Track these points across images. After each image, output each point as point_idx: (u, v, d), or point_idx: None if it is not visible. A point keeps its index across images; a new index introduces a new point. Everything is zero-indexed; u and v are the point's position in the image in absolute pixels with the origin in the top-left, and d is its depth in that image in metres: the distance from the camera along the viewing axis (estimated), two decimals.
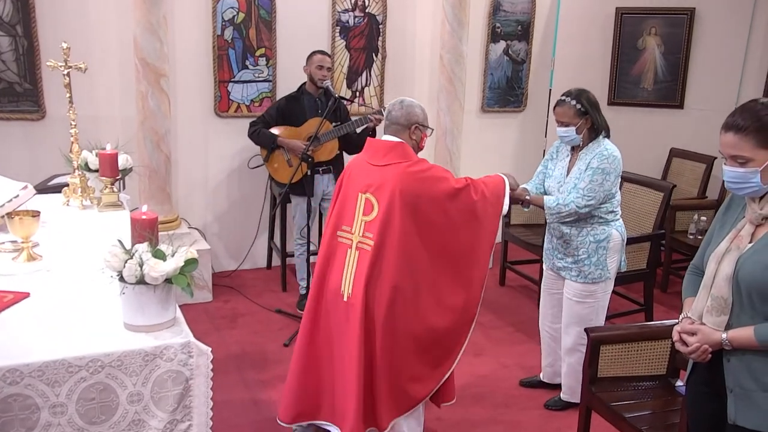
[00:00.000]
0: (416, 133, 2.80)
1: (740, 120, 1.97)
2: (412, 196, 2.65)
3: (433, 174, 2.72)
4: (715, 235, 2.14)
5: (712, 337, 2.02)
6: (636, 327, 3.05)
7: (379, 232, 2.67)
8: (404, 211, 2.65)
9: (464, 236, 2.76)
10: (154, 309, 1.99)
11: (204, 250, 4.63)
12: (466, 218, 2.75)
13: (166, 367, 1.95)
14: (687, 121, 5.91)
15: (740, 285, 1.96)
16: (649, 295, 4.44)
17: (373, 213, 2.70)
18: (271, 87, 5.10)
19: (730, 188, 2.02)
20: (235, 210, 5.24)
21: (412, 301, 2.69)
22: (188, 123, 4.96)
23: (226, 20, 4.88)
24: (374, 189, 2.72)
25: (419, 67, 5.66)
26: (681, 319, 2.16)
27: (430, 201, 2.68)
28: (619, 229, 3.32)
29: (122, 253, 1.99)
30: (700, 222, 5.04)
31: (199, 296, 4.65)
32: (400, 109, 2.79)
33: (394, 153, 2.74)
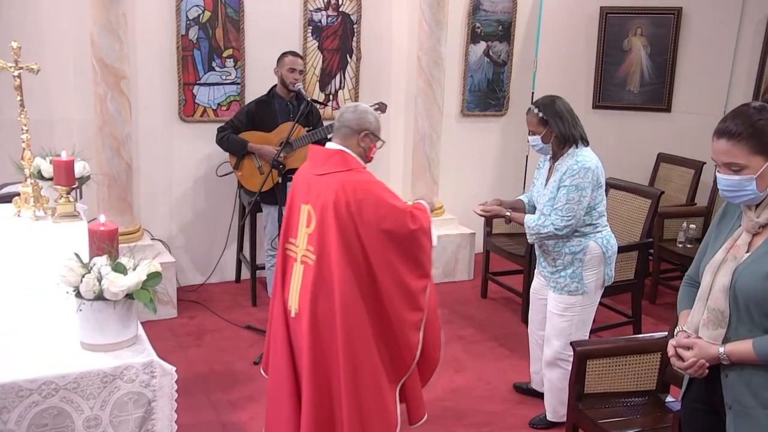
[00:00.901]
0: (365, 140, 2.78)
1: (733, 126, 1.97)
2: (346, 206, 2.64)
3: (369, 187, 2.69)
4: (710, 244, 2.16)
5: (709, 351, 2.02)
6: (624, 340, 3.09)
7: (317, 244, 2.70)
8: (339, 223, 2.65)
9: (400, 255, 2.73)
10: (114, 327, 1.97)
11: (168, 263, 4.59)
12: (402, 239, 2.71)
13: (127, 389, 1.93)
14: (675, 125, 6.00)
15: (738, 296, 1.97)
16: (637, 306, 4.49)
17: (312, 225, 2.73)
18: (239, 90, 5.09)
19: (725, 197, 2.03)
20: (202, 220, 5.21)
21: (362, 312, 2.70)
22: (150, 128, 4.92)
23: (190, 19, 4.86)
24: (312, 200, 2.74)
25: (396, 69, 5.69)
26: (676, 333, 2.16)
27: (365, 212, 2.65)
28: (600, 241, 3.33)
29: (79, 267, 1.97)
30: (689, 230, 5.11)
31: (162, 312, 4.60)
32: (353, 112, 2.79)
33: (333, 161, 2.74)
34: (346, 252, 2.66)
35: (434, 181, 5.55)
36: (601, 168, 3.28)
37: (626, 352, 2.96)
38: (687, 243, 5.11)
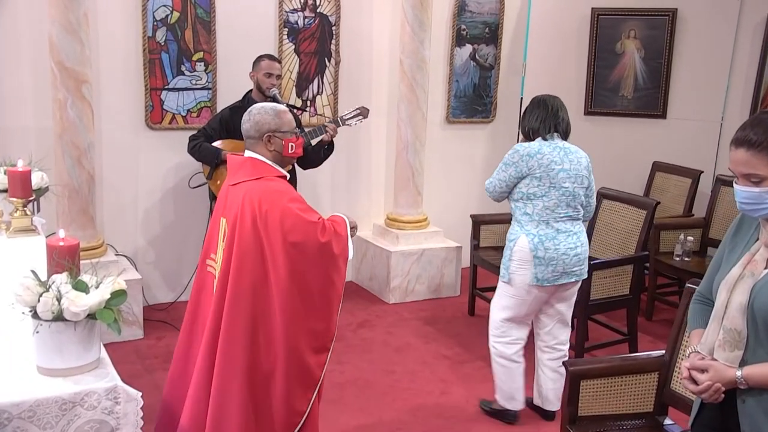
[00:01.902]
0: (274, 142, 2.76)
1: (753, 135, 1.94)
2: (252, 219, 2.65)
3: (275, 197, 2.67)
4: (724, 259, 2.13)
5: (725, 374, 2.00)
6: (619, 359, 3.10)
7: (225, 258, 2.72)
8: (243, 237, 2.66)
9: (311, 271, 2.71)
10: (74, 349, 1.94)
11: (134, 281, 4.56)
12: (312, 253, 2.68)
13: (88, 417, 1.91)
14: (671, 132, 6.07)
15: (756, 316, 1.95)
16: (632, 323, 4.52)
17: (226, 238, 2.75)
18: (210, 95, 5.08)
19: (743, 209, 2.02)
20: (172, 234, 5.18)
21: (271, 330, 2.69)
22: (115, 136, 4.89)
23: (158, 20, 4.85)
24: (226, 212, 2.76)
25: (377, 73, 5.71)
26: (689, 354, 2.15)
27: (270, 224, 2.64)
28: (531, 238, 3.51)
29: (36, 286, 1.94)
30: (686, 242, 5.16)
31: (128, 333, 4.56)
32: (248, 120, 2.78)
33: (243, 170, 2.77)
34: (257, 265, 2.65)
35: (418, 191, 5.56)
36: (544, 162, 3.49)
37: (622, 371, 2.97)
38: (684, 256, 5.15)
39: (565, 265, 3.54)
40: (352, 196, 5.83)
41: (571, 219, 3.57)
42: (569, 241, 3.54)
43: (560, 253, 3.52)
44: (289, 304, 2.65)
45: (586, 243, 3.65)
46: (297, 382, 2.70)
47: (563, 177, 3.51)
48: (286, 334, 2.67)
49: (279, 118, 2.77)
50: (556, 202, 3.51)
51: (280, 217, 2.63)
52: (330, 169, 5.53)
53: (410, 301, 5.49)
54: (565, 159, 3.54)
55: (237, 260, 2.68)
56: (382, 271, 5.55)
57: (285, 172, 2.83)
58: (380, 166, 5.90)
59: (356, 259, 5.88)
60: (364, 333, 4.90)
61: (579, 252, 3.58)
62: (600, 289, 4.28)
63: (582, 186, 3.59)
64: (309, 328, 2.70)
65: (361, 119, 4.67)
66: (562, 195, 3.51)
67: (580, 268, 3.61)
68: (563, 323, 3.77)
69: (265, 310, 2.68)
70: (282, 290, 2.64)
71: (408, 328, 5.02)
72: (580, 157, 3.61)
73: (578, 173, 3.56)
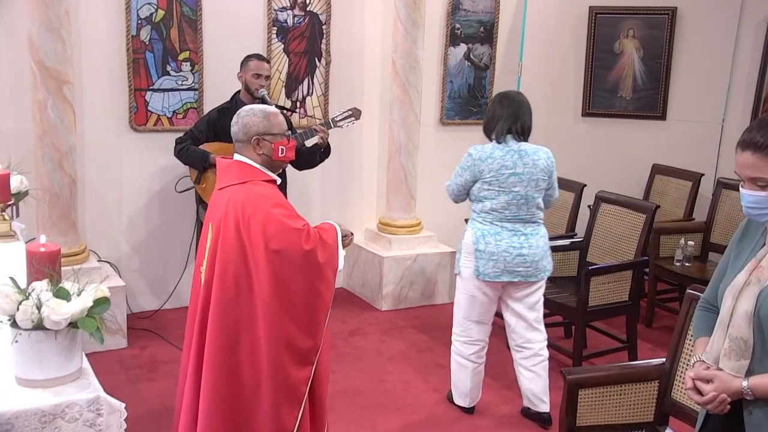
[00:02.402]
0: (262, 146, 2.75)
1: (759, 137, 1.94)
2: (235, 224, 2.65)
3: (259, 201, 2.66)
4: (730, 265, 2.13)
5: (731, 384, 2.00)
6: (618, 367, 3.10)
7: (209, 265, 2.72)
8: (228, 240, 2.66)
9: (295, 280, 2.68)
10: (55, 359, 1.94)
11: (117, 288, 4.54)
12: (295, 261, 2.65)
13: (69, 429, 1.90)
14: (671, 134, 6.09)
15: (762, 324, 1.95)
16: (632, 330, 4.53)
17: (210, 245, 2.75)
18: (196, 96, 5.07)
19: (749, 214, 2.02)
20: (157, 239, 5.16)
21: (256, 342, 2.68)
22: (98, 138, 4.88)
23: (142, 18, 4.85)
24: (213, 217, 2.77)
25: (369, 73, 5.71)
26: (693, 364, 2.15)
27: (252, 230, 2.63)
28: (475, 231, 3.73)
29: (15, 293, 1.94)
30: (687, 247, 5.18)
31: (110, 342, 4.54)
32: (235, 123, 2.78)
33: (229, 174, 2.77)
34: (240, 271, 2.65)
35: (411, 195, 5.56)
36: (494, 166, 3.63)
37: (621, 380, 2.98)
38: (685, 261, 5.17)
39: (506, 263, 3.66)
40: (343, 200, 5.83)
41: (523, 221, 3.70)
42: (513, 239, 3.67)
43: (501, 249, 3.66)
44: (271, 314, 2.63)
45: (538, 246, 3.71)
46: (282, 397, 2.68)
47: (514, 181, 3.63)
48: (269, 346, 2.65)
49: (268, 120, 2.76)
50: (504, 206, 3.66)
51: (262, 223, 2.62)
52: (321, 173, 5.53)
53: (403, 308, 5.49)
54: (518, 162, 3.64)
55: (220, 268, 2.67)
56: (374, 277, 5.55)
57: (275, 176, 2.83)
58: (372, 169, 5.90)
59: (348, 265, 5.88)
60: (355, 341, 4.90)
61: (524, 253, 3.67)
62: (598, 296, 4.29)
63: (538, 188, 3.69)
64: (292, 341, 2.67)
65: (353, 121, 4.68)
66: (512, 199, 3.65)
67: (525, 270, 3.69)
68: (528, 324, 3.83)
69: (249, 321, 2.66)
70: (265, 300, 2.63)
71: (401, 336, 5.02)
72: (537, 159, 3.68)
73: (532, 177, 3.65)
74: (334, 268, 2.75)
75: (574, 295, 4.46)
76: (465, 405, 3.98)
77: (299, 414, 2.71)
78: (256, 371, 2.67)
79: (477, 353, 3.89)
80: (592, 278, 4.23)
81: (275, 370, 2.65)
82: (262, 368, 2.66)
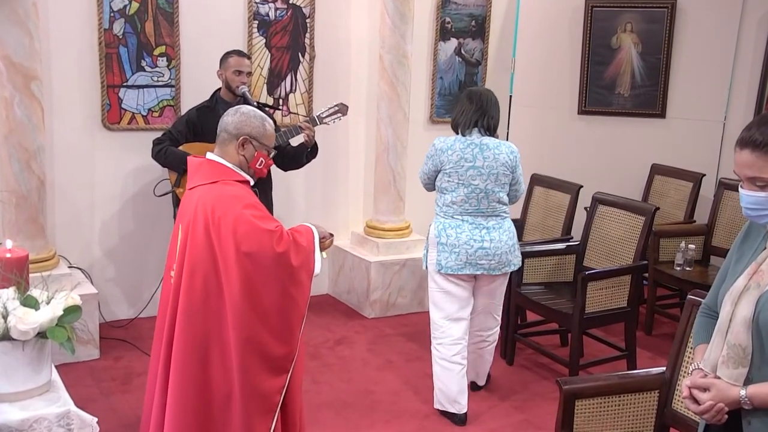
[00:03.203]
0: (246, 148, 2.78)
1: (758, 135, 1.95)
2: (204, 226, 2.66)
3: (230, 202, 2.67)
4: (730, 269, 2.15)
5: (728, 393, 2.01)
6: (616, 377, 3.11)
7: (178, 269, 2.73)
8: (197, 242, 2.67)
9: (267, 284, 2.69)
10: (23, 372, 1.93)
11: (89, 295, 4.52)
12: (266, 264, 2.66)
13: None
14: (670, 133, 6.13)
15: (761, 330, 1.96)
16: (631, 338, 4.55)
17: (179, 247, 2.76)
18: (173, 93, 5.06)
19: (748, 215, 2.04)
20: (131, 244, 5.14)
21: (226, 348, 2.68)
22: (68, 137, 4.86)
23: (115, 11, 4.83)
24: (182, 218, 2.79)
25: (355, 69, 5.72)
26: (691, 371, 2.16)
27: (222, 232, 2.63)
28: (437, 225, 3.96)
29: None
30: (688, 251, 5.21)
31: (82, 353, 4.52)
32: (233, 114, 2.81)
33: (201, 173, 2.79)
34: (210, 276, 2.65)
35: (400, 196, 5.57)
36: (454, 158, 3.85)
37: (619, 390, 2.99)
38: (686, 265, 5.20)
39: (468, 255, 3.86)
40: (328, 202, 5.82)
41: (484, 215, 3.90)
42: (475, 233, 3.87)
43: (461, 242, 3.86)
44: (242, 320, 2.63)
45: (501, 240, 3.91)
46: (255, 408, 2.68)
47: (472, 174, 3.84)
48: (240, 353, 2.64)
49: (265, 128, 2.81)
50: (464, 198, 3.87)
51: (233, 225, 2.62)
52: (305, 174, 5.52)
53: (392, 316, 5.49)
54: (478, 156, 3.84)
55: (188, 271, 2.67)
56: (361, 283, 5.55)
57: (248, 177, 2.83)
58: (359, 170, 5.90)
59: (333, 271, 5.87)
60: (341, 351, 4.90)
61: (486, 246, 3.87)
62: (595, 302, 4.31)
63: (498, 183, 3.88)
64: (265, 348, 2.67)
65: (340, 117, 4.68)
66: (471, 192, 3.86)
67: (488, 262, 3.89)
68: (487, 314, 4.14)
69: (219, 327, 2.67)
70: (235, 305, 2.63)
71: (389, 345, 5.02)
72: (499, 153, 3.87)
73: (492, 170, 3.85)
74: (309, 271, 2.75)
75: (570, 301, 4.47)
76: (457, 411, 4.00)
77: (272, 425, 2.72)
78: (227, 380, 2.67)
79: (460, 354, 3.99)
80: (589, 284, 4.24)
81: (247, 378, 2.65)
82: (233, 377, 2.66)
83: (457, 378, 3.97)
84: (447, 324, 3.98)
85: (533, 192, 5.48)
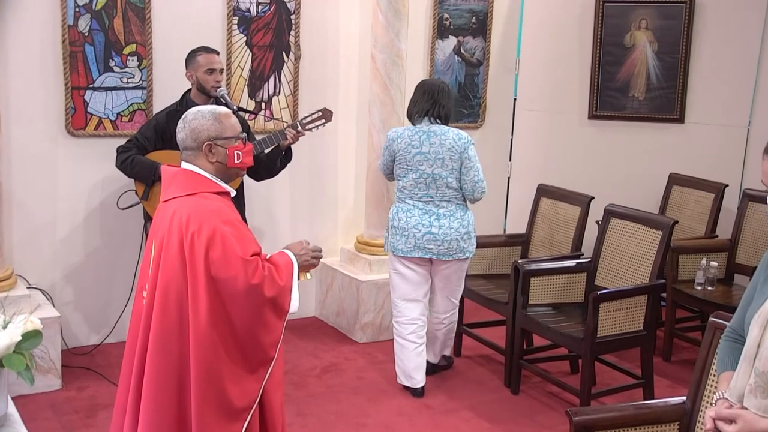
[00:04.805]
0: (215, 152, 2.76)
1: None
2: (179, 242, 2.65)
3: (207, 218, 2.66)
4: (758, 290, 2.16)
5: (756, 426, 2.02)
6: (632, 407, 3.11)
7: (150, 289, 2.73)
8: (170, 260, 2.67)
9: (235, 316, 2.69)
10: None
11: (51, 319, 4.50)
12: (237, 297, 2.66)
13: None
14: (689, 139, 6.14)
15: None
16: (647, 364, 4.55)
17: (152, 266, 2.76)
18: (145, 96, 5.06)
19: None
20: (97, 264, 5.13)
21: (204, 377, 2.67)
22: (27, 144, 4.85)
23: (80, 5, 4.83)
24: (155, 233, 2.78)
25: (344, 70, 5.73)
26: (716, 401, 2.17)
27: (195, 250, 2.63)
28: (394, 209, 4.59)
29: None
30: (709, 268, 5.21)
31: (42, 383, 4.49)
32: (183, 128, 2.79)
33: (175, 185, 2.78)
34: (175, 307, 2.64)
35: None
36: (402, 145, 4.48)
37: (635, 422, 2.98)
38: (708, 285, 5.20)
39: (416, 239, 4.45)
40: (315, 216, 5.82)
41: (434, 202, 4.47)
42: (424, 218, 4.45)
43: (410, 226, 4.46)
44: (207, 355, 2.62)
45: (451, 227, 4.44)
46: None
47: (419, 160, 4.43)
48: (197, 394, 2.62)
49: (220, 122, 2.77)
50: (413, 183, 4.48)
51: (206, 243, 2.61)
52: (288, 184, 5.52)
53: (384, 340, 5.47)
54: (425, 142, 4.44)
55: (161, 292, 2.66)
56: (351, 305, 5.54)
57: (229, 188, 2.83)
58: (348, 180, 5.90)
59: (320, 291, 5.87)
60: (330, 379, 4.88)
61: (434, 232, 4.42)
62: (608, 325, 4.31)
63: (445, 168, 4.41)
64: (223, 392, 2.66)
65: (323, 124, 4.68)
66: (419, 177, 4.45)
67: (437, 248, 4.44)
68: (441, 295, 4.70)
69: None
70: (200, 333, 2.61)
71: (382, 372, 5.01)
72: (445, 139, 4.43)
73: (438, 155, 4.41)
74: (283, 312, 2.74)
75: (581, 324, 4.47)
76: (412, 385, 4.62)
77: None
78: None
79: (415, 332, 4.59)
80: (601, 305, 4.24)
81: (201, 425, 2.64)
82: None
83: (412, 355, 4.58)
84: (402, 304, 4.61)
85: (540, 204, 5.49)
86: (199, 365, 2.62)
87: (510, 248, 5.49)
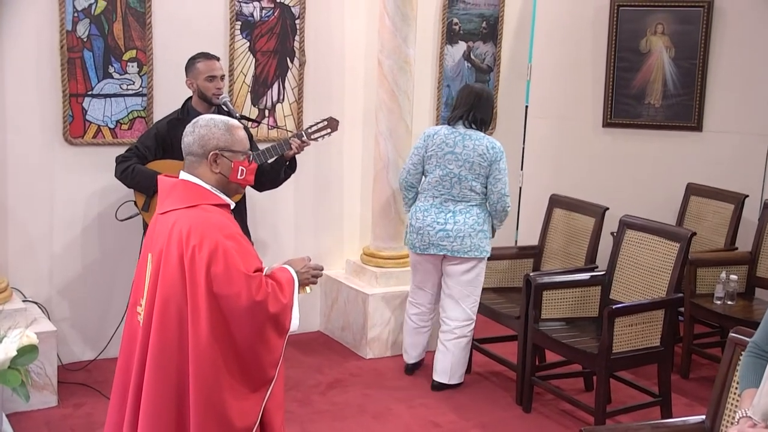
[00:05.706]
0: (220, 163, 2.76)
1: None
2: (179, 256, 2.65)
3: (209, 232, 2.66)
4: None
5: None
6: (649, 427, 3.10)
7: (148, 304, 2.72)
8: (170, 274, 2.66)
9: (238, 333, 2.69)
10: None
11: (47, 333, 4.50)
12: (240, 315, 2.66)
13: None
14: (708, 148, 6.13)
15: None
16: (665, 382, 4.53)
17: (150, 280, 2.75)
18: (145, 103, 5.07)
19: None
20: (95, 276, 5.13)
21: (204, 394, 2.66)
22: (24, 153, 4.86)
23: (79, 10, 4.85)
24: (153, 246, 2.77)
25: (350, 76, 5.74)
26: (738, 420, 2.17)
27: (196, 265, 2.62)
28: (414, 207, 4.92)
29: None
30: (729, 282, 5.19)
31: (38, 400, 4.48)
32: (191, 133, 2.78)
33: (174, 196, 2.77)
34: (174, 323, 2.64)
35: (401, 219, 5.55)
36: (437, 141, 4.75)
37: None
38: (727, 299, 5.18)
39: (430, 236, 4.73)
40: (319, 227, 5.82)
41: (454, 200, 4.74)
42: (440, 216, 4.73)
43: (425, 224, 4.75)
44: (207, 372, 2.61)
45: (465, 223, 4.69)
46: None
47: (449, 159, 4.70)
48: (196, 414, 2.62)
49: (231, 134, 2.78)
50: (438, 180, 4.75)
51: (207, 258, 2.61)
52: (293, 194, 5.52)
53: (392, 356, 5.47)
54: (459, 143, 4.71)
55: (160, 307, 2.66)
56: (357, 319, 5.53)
57: (229, 200, 2.83)
58: (354, 189, 5.90)
59: (325, 305, 5.86)
60: (335, 396, 4.87)
61: (448, 228, 4.69)
62: (624, 340, 4.29)
63: (473, 171, 4.68)
64: (224, 412, 2.65)
65: (329, 133, 4.68)
66: (445, 175, 4.71)
67: (450, 244, 4.70)
68: (452, 299, 4.87)
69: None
70: (201, 353, 2.61)
71: (389, 389, 4.99)
72: (478, 145, 4.68)
73: (468, 158, 4.67)
74: (284, 331, 2.74)
75: (596, 339, 4.45)
76: (407, 361, 5.16)
77: None
78: None
79: (418, 315, 5.06)
80: (617, 319, 4.23)
81: None
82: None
83: (410, 333, 5.11)
84: (414, 289, 5.07)
85: (553, 215, 5.48)
86: (199, 382, 2.61)
87: (522, 260, 5.49)
